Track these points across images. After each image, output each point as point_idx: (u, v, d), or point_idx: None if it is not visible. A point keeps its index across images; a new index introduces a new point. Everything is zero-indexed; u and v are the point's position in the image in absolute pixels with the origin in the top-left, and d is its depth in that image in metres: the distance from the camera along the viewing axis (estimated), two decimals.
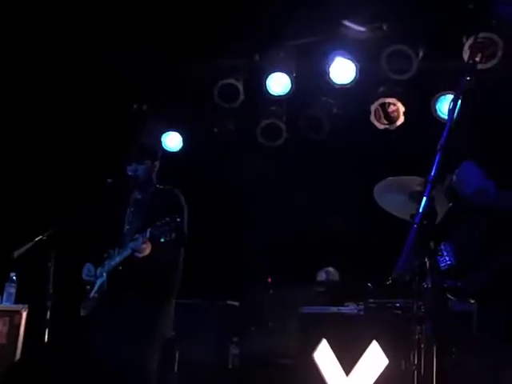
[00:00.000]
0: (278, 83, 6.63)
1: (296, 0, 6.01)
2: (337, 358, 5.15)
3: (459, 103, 2.83)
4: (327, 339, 5.22)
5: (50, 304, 4.77)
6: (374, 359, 5.02)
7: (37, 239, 4.81)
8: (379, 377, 4.98)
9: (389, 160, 6.20)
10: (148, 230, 4.20)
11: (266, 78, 6.60)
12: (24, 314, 5.51)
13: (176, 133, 7.14)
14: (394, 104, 6.45)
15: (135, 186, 4.65)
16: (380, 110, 6.51)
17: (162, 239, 4.17)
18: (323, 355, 5.23)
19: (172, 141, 7.14)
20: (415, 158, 3.99)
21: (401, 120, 6.48)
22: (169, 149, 7.09)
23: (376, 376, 5.00)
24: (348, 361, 5.10)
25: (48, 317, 4.73)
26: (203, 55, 6.61)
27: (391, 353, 4.93)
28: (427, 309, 2.87)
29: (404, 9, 5.77)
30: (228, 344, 6.53)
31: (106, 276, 4.47)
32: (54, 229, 4.80)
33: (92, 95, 6.75)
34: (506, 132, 3.27)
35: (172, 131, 7.14)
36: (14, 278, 5.64)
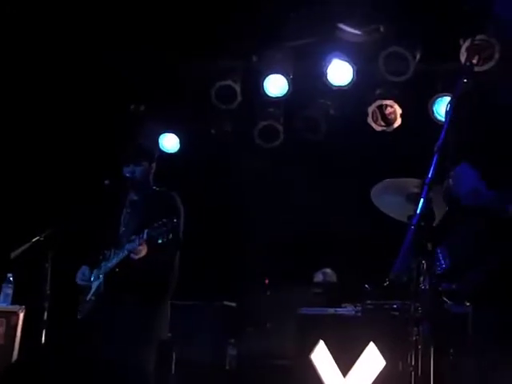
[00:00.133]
0: (276, 85, 6.64)
1: (293, 2, 6.02)
2: (334, 360, 5.15)
3: (456, 105, 2.84)
4: (324, 340, 5.21)
5: (47, 305, 4.77)
6: (372, 360, 5.02)
7: (34, 240, 4.81)
8: (376, 378, 4.98)
9: (386, 162, 6.21)
10: (145, 232, 4.18)
11: (264, 80, 6.61)
12: (21, 315, 5.50)
13: (173, 134, 7.14)
14: (391, 106, 6.46)
15: (132, 188, 4.64)
16: (377, 112, 6.52)
17: (160, 240, 4.16)
18: (320, 356, 5.23)
19: (169, 142, 7.14)
20: (412, 160, 3.99)
21: (398, 122, 6.49)
22: (166, 150, 7.08)
23: (373, 377, 4.99)
24: (345, 362, 5.10)
25: (45, 318, 4.74)
26: (201, 56, 6.61)
27: (388, 354, 4.93)
28: (424, 310, 2.88)
29: (401, 11, 5.78)
30: (225, 345, 6.53)
31: (103, 278, 4.47)
32: (52, 230, 4.80)
33: (89, 96, 6.75)
34: (503, 134, 3.28)
35: (169, 132, 7.13)
36: (11, 279, 5.63)
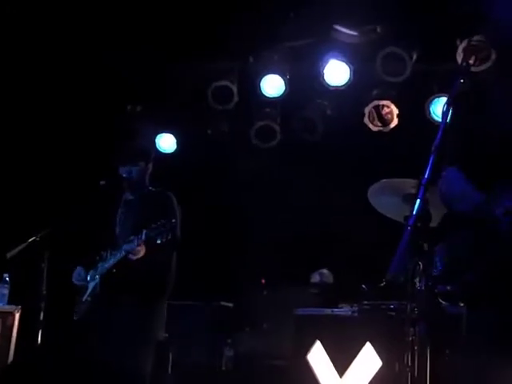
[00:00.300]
0: (272, 85, 6.64)
1: (290, 2, 6.02)
2: (331, 360, 5.15)
3: (453, 105, 2.84)
4: (321, 341, 5.21)
5: (44, 305, 4.76)
6: (368, 361, 5.02)
7: (30, 240, 4.79)
8: (373, 378, 4.98)
9: (383, 162, 6.20)
10: (144, 232, 4.17)
11: (260, 80, 6.61)
12: (17, 316, 5.48)
13: (170, 134, 7.14)
14: (388, 106, 6.47)
15: (128, 188, 4.63)
16: (374, 112, 6.53)
17: (159, 241, 4.15)
18: (317, 357, 5.22)
19: (166, 142, 7.14)
20: (409, 160, 3.99)
21: (395, 122, 6.49)
22: (163, 150, 7.08)
23: (370, 378, 4.99)
24: (342, 362, 5.10)
25: (41, 318, 4.72)
26: (197, 57, 6.61)
27: (385, 354, 4.92)
28: (421, 310, 2.88)
29: (398, 12, 5.78)
30: (222, 345, 6.53)
31: (99, 279, 4.45)
32: (48, 230, 4.79)
33: (86, 96, 6.74)
34: (496, 135, 3.28)
35: (166, 133, 7.13)
36: (7, 279, 5.62)
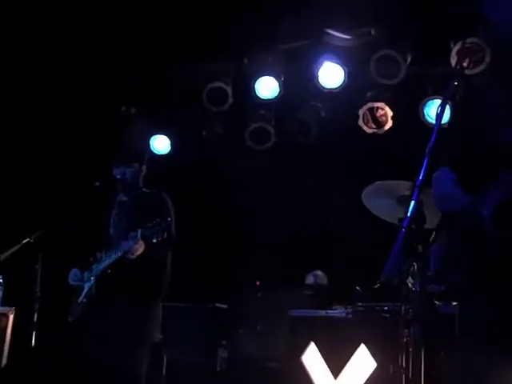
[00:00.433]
0: (267, 87, 6.65)
1: (285, 4, 6.03)
2: (325, 362, 5.15)
3: (447, 108, 2.85)
4: (315, 342, 5.21)
5: (37, 307, 4.76)
6: (362, 362, 5.02)
7: (24, 241, 4.80)
8: (367, 380, 4.98)
9: (377, 164, 6.22)
10: (138, 231, 4.18)
11: (255, 82, 6.62)
12: (11, 317, 5.47)
13: (164, 136, 7.13)
14: (382, 108, 6.48)
15: (122, 189, 4.63)
16: (368, 115, 6.54)
17: (154, 240, 4.16)
18: (311, 358, 5.23)
19: (160, 144, 7.13)
20: (403, 162, 4.00)
21: (389, 124, 6.51)
22: (157, 152, 7.08)
23: (364, 379, 4.99)
24: (336, 364, 5.10)
25: (35, 320, 4.72)
26: (192, 58, 6.61)
27: (379, 356, 4.93)
28: (415, 312, 2.89)
29: (392, 14, 5.80)
30: (216, 347, 6.53)
31: (95, 280, 4.45)
32: (42, 231, 4.79)
33: (80, 97, 6.73)
34: (488, 138, 3.29)
35: (160, 134, 7.12)
36: (1, 281, 5.60)
